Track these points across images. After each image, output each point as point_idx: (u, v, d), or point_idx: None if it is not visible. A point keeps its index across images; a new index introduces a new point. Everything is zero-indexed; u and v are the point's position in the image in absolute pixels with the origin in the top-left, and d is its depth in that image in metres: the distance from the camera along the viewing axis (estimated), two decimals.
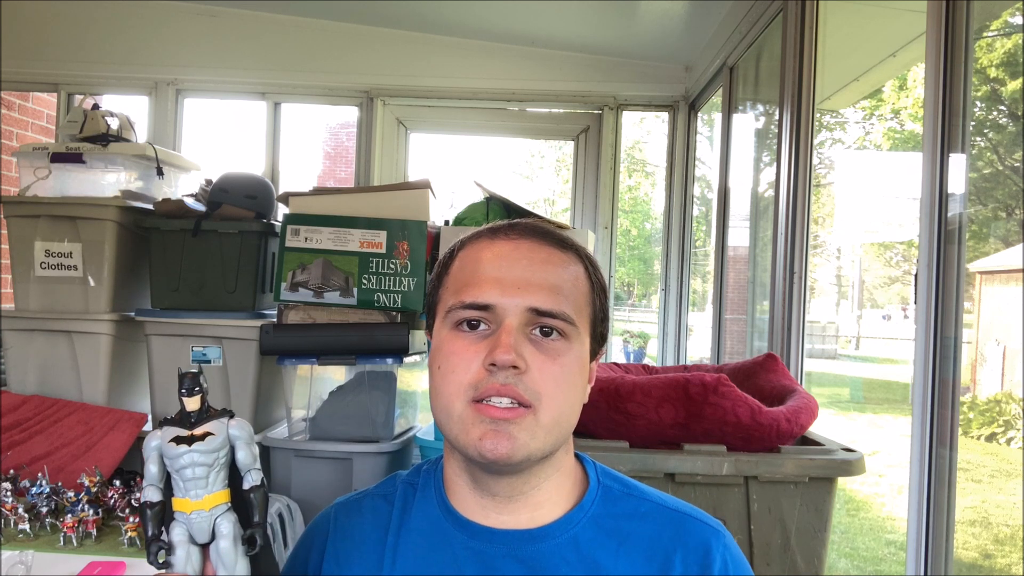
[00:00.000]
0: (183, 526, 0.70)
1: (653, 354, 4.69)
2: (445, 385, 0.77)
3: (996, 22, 3.13)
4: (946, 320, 1.39)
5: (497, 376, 0.74)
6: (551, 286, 0.78)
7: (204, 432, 0.70)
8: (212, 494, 0.70)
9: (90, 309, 2.16)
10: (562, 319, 0.77)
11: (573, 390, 0.79)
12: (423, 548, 0.81)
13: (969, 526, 4.95)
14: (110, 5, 2.96)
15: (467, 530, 0.80)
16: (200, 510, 0.70)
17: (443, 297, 0.83)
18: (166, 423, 0.72)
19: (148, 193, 2.34)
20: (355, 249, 1.90)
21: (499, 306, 0.76)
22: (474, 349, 0.76)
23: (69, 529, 1.61)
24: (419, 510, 0.84)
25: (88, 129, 2.30)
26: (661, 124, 8.25)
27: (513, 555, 0.78)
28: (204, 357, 2.07)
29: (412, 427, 2.09)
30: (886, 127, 9.98)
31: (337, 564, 0.83)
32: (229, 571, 0.70)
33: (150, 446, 0.71)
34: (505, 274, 0.78)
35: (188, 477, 0.70)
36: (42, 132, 3.77)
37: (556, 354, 0.77)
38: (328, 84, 3.03)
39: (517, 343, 0.75)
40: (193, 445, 0.70)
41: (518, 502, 0.80)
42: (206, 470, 0.70)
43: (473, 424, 0.75)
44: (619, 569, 0.77)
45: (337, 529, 0.85)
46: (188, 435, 0.70)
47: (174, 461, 0.70)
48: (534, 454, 0.76)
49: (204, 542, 0.71)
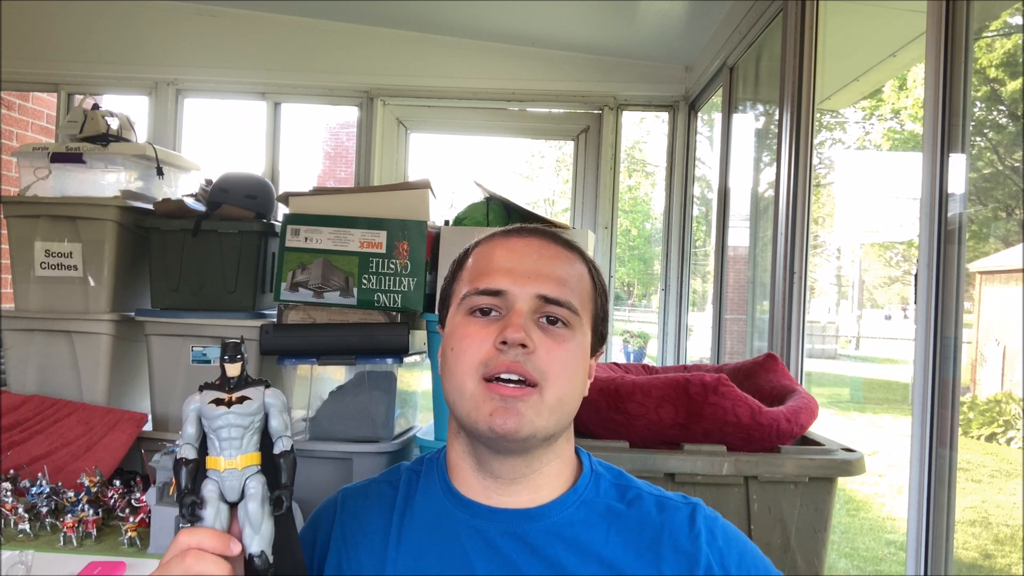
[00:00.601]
0: (215, 483, 0.73)
1: (653, 354, 4.69)
2: (458, 364, 0.83)
3: (996, 22, 3.13)
4: (946, 320, 1.39)
5: (507, 354, 0.80)
6: (559, 278, 0.85)
7: (241, 396, 0.75)
8: (245, 455, 0.74)
9: (90, 309, 2.16)
10: (568, 308, 0.84)
11: (576, 374, 0.85)
12: (426, 527, 0.85)
13: (969, 526, 4.95)
14: (110, 5, 2.96)
15: (469, 509, 0.85)
16: (233, 468, 0.73)
17: (457, 289, 0.89)
18: (207, 387, 0.76)
19: (148, 193, 2.34)
20: (355, 249, 1.90)
21: (510, 292, 0.83)
22: (486, 331, 0.82)
23: (69, 529, 1.61)
24: (423, 493, 0.88)
25: (88, 129, 2.30)
26: (661, 124, 8.25)
27: (512, 532, 0.83)
28: (204, 357, 2.07)
29: (412, 427, 2.09)
30: (886, 127, 9.98)
31: (344, 544, 0.87)
32: (255, 530, 0.73)
33: (189, 408, 0.75)
34: (517, 265, 0.85)
35: (224, 437, 0.73)
36: (42, 132, 3.77)
37: (561, 339, 0.83)
38: (328, 84, 3.03)
39: (526, 325, 0.81)
40: (231, 408, 0.74)
41: (519, 484, 0.85)
42: (241, 431, 0.74)
43: (484, 401, 0.80)
44: (610, 547, 0.82)
45: (344, 511, 0.90)
46: (227, 398, 0.74)
47: (212, 421, 0.74)
48: (539, 431, 0.81)
49: (233, 500, 0.74)
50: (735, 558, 0.82)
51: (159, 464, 1.68)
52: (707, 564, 0.80)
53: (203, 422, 0.75)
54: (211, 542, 0.70)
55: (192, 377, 2.07)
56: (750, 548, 0.85)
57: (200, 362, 2.08)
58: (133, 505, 1.67)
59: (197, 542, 0.70)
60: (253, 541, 0.73)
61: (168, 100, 3.01)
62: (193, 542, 0.70)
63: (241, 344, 0.77)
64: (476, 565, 0.81)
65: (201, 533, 0.70)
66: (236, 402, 0.74)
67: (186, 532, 0.71)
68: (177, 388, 2.09)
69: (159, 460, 1.69)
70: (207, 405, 0.74)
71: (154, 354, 2.11)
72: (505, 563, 0.81)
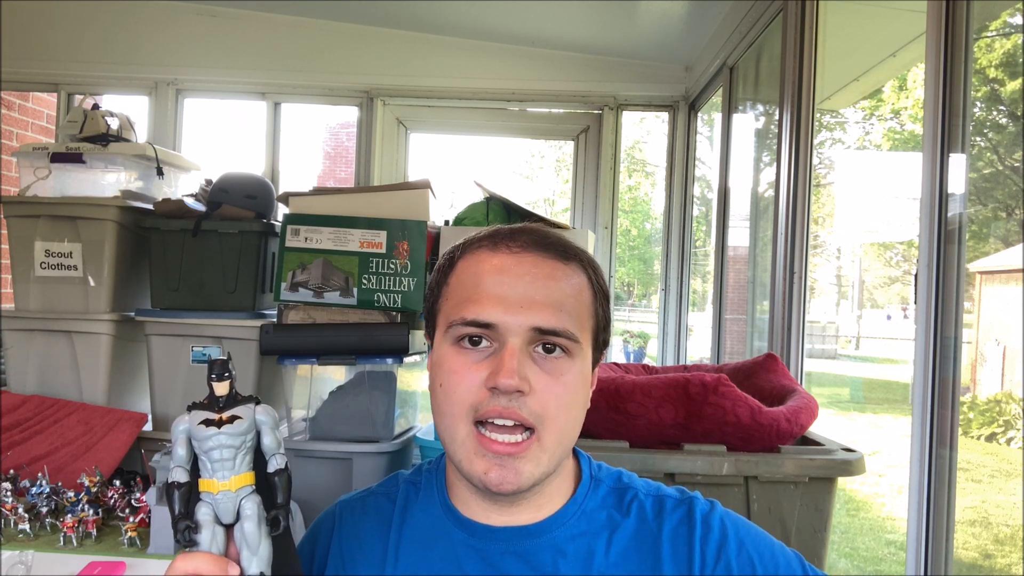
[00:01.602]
0: (209, 506, 0.71)
1: (653, 354, 4.69)
2: (447, 404, 0.78)
3: (996, 22, 3.13)
4: (946, 320, 1.39)
5: (499, 399, 0.75)
6: (554, 303, 0.78)
7: (232, 416, 0.72)
8: (239, 475, 0.72)
9: (90, 309, 2.16)
10: (565, 336, 0.77)
11: (575, 408, 0.80)
12: (424, 545, 0.83)
13: (969, 526, 4.96)
14: (110, 5, 2.96)
15: (467, 528, 0.82)
16: (227, 491, 0.71)
17: (443, 308, 0.83)
18: (195, 407, 0.73)
19: (148, 193, 2.34)
20: (355, 249, 1.90)
21: (501, 325, 0.76)
22: (476, 368, 0.76)
23: (69, 529, 1.61)
24: (421, 509, 0.86)
25: (88, 129, 2.30)
26: (661, 124, 8.25)
27: (512, 551, 0.80)
28: (204, 357, 2.07)
29: (412, 427, 2.09)
30: (886, 127, 9.99)
31: (342, 560, 0.85)
32: (253, 551, 0.71)
33: (178, 429, 0.73)
34: (508, 291, 0.77)
35: (216, 459, 0.71)
36: (42, 132, 3.77)
37: (559, 373, 0.77)
38: (328, 84, 3.03)
39: (521, 365, 0.75)
40: (222, 428, 0.71)
41: (520, 505, 0.82)
42: (233, 452, 0.72)
43: (477, 456, 0.76)
44: (612, 556, 0.80)
45: (342, 527, 0.87)
46: (217, 418, 0.72)
47: (203, 443, 0.71)
48: (540, 479, 0.78)
49: (228, 522, 0.72)
50: (734, 548, 0.79)
51: (159, 464, 1.68)
52: (701, 563, 0.78)
53: (193, 443, 0.72)
54: (209, 567, 0.68)
55: (192, 377, 2.08)
56: (752, 533, 0.82)
57: (200, 362, 2.08)
58: (133, 505, 1.67)
59: (195, 568, 0.68)
60: (252, 563, 0.71)
61: (168, 100, 3.01)
62: (191, 568, 0.68)
63: (229, 361, 0.74)
64: None
65: (199, 558, 0.69)
66: (227, 422, 0.72)
67: (183, 557, 0.69)
68: (177, 388, 2.09)
69: (159, 460, 1.69)
70: (197, 426, 0.72)
71: (154, 354, 2.11)
72: None
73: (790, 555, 0.82)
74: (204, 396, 0.74)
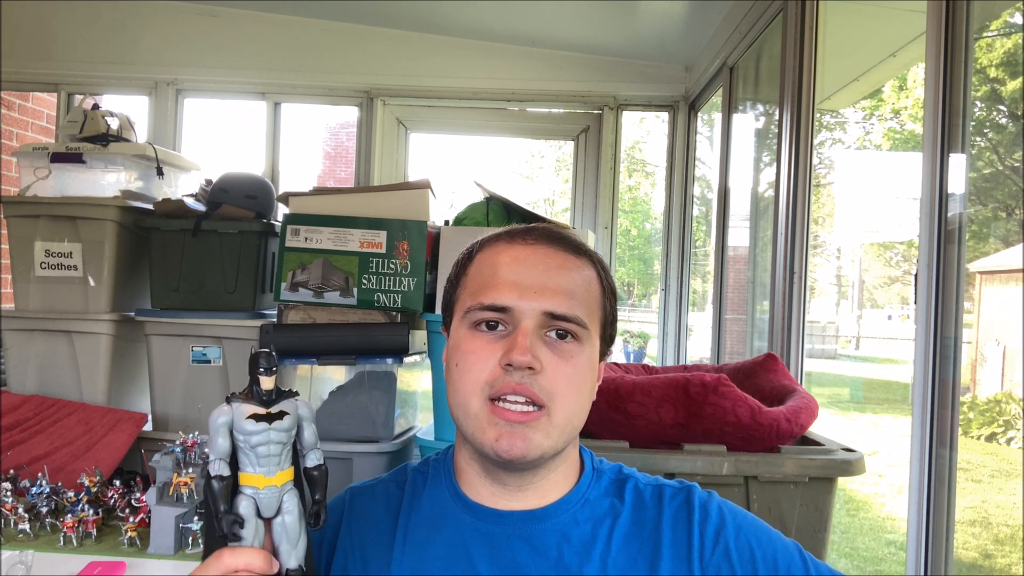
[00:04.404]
0: (251, 500, 0.71)
1: (653, 354, 4.69)
2: (462, 382, 0.81)
3: (996, 22, 3.13)
4: (946, 320, 1.39)
5: (513, 376, 0.79)
6: (566, 291, 0.82)
7: (280, 411, 0.72)
8: (284, 471, 0.72)
9: (90, 309, 2.16)
10: (575, 323, 0.82)
11: (584, 390, 0.84)
12: (433, 529, 0.85)
13: (969, 526, 4.96)
14: (110, 5, 2.96)
15: (474, 512, 0.85)
16: (272, 486, 0.71)
17: (461, 297, 0.87)
18: (236, 399, 0.72)
19: (148, 193, 2.34)
20: (355, 249, 1.90)
21: (516, 309, 0.81)
22: (491, 348, 0.81)
23: (69, 529, 1.61)
24: (429, 495, 0.89)
25: (88, 129, 2.30)
26: (661, 124, 8.25)
27: (518, 535, 0.83)
28: (204, 357, 2.07)
29: (412, 427, 2.09)
30: (886, 127, 9.99)
31: (351, 543, 0.87)
32: (292, 545, 0.72)
33: (219, 421, 0.71)
34: (523, 278, 0.82)
35: (263, 454, 0.70)
36: (42, 132, 3.77)
37: (569, 356, 0.81)
38: (328, 84, 3.03)
39: (533, 345, 0.79)
40: (273, 424, 0.70)
41: (527, 491, 0.85)
42: (280, 447, 0.71)
43: (489, 425, 0.80)
44: (614, 542, 0.83)
45: (352, 510, 0.90)
46: (266, 413, 0.71)
47: (250, 438, 0.70)
48: (548, 452, 0.81)
49: (269, 516, 0.72)
50: (732, 533, 0.83)
51: (159, 464, 1.68)
52: (700, 546, 0.82)
53: (236, 437, 0.71)
54: (259, 563, 0.69)
55: (192, 377, 2.08)
56: (749, 520, 0.86)
57: (200, 362, 2.08)
58: (133, 505, 1.67)
59: (245, 563, 0.69)
60: (291, 557, 0.72)
61: (168, 100, 3.01)
62: (241, 563, 0.69)
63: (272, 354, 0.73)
64: (481, 566, 0.82)
65: (248, 554, 0.69)
66: (276, 417, 0.70)
67: (230, 552, 0.69)
68: (177, 388, 2.09)
69: (159, 460, 1.68)
70: (245, 420, 0.70)
71: (154, 354, 2.11)
72: (511, 564, 0.82)
73: (788, 543, 0.86)
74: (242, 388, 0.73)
